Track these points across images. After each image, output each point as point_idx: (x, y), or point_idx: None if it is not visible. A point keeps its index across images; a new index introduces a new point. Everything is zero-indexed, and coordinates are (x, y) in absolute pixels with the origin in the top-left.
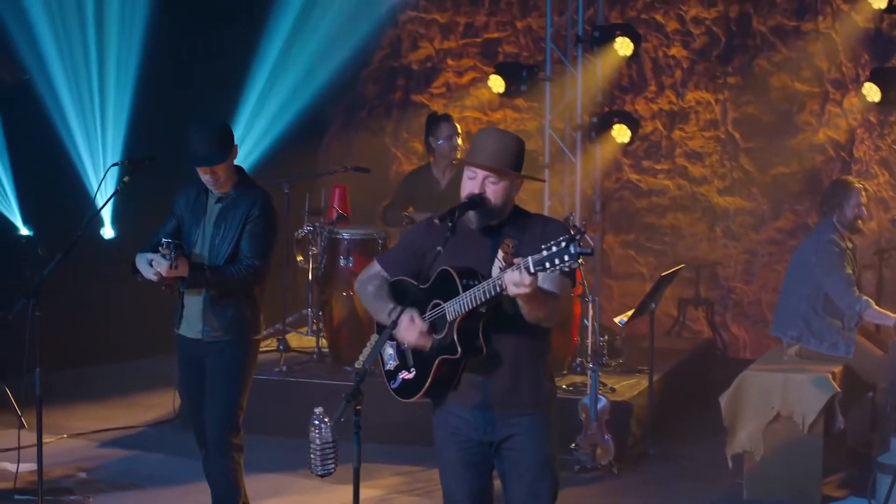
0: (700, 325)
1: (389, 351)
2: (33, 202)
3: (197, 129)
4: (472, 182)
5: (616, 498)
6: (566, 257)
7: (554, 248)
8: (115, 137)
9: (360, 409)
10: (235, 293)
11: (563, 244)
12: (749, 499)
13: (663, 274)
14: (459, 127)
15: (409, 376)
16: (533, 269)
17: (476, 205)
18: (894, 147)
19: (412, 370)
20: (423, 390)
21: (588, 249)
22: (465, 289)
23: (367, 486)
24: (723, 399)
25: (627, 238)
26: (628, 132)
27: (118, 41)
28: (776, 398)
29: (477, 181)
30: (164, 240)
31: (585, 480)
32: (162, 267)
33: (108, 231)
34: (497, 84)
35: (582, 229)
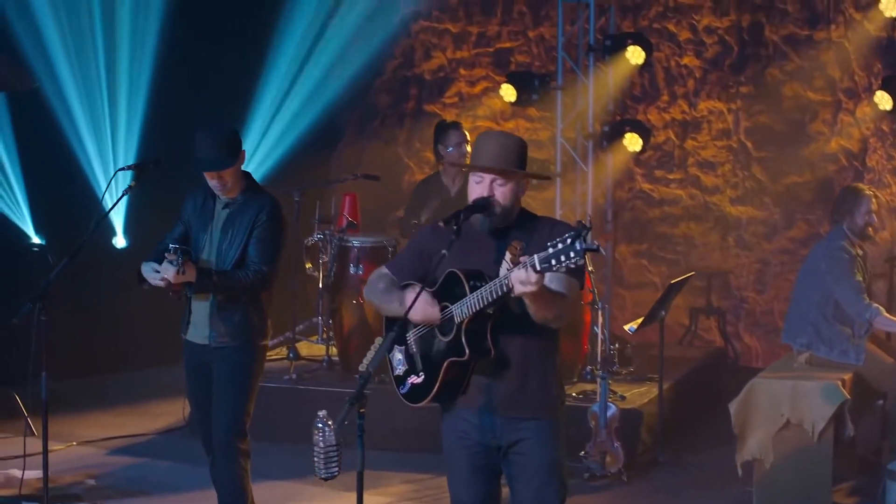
0: (712, 334)
1: (398, 356)
2: (45, 211)
3: (204, 134)
4: (479, 186)
5: None
6: (572, 254)
7: (560, 246)
8: (126, 146)
9: (363, 412)
10: (242, 299)
11: (568, 241)
12: None
13: (673, 281)
14: (469, 135)
15: (418, 380)
16: (539, 267)
17: (482, 208)
18: None
19: (421, 374)
20: (431, 394)
21: (594, 245)
22: (472, 290)
23: (376, 493)
24: (732, 406)
25: (640, 248)
26: (640, 141)
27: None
28: (786, 405)
29: (484, 185)
30: (171, 245)
31: (595, 488)
32: (169, 272)
33: (119, 240)
34: (509, 93)
35: (588, 225)
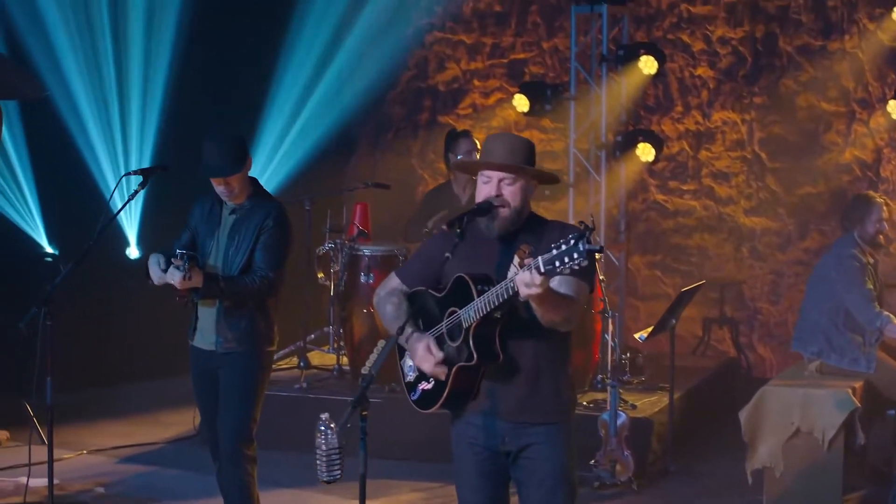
0: (726, 345)
1: (409, 363)
2: (58, 221)
3: (211, 140)
4: (487, 186)
5: None
6: (575, 255)
7: (563, 247)
8: (139, 157)
9: (366, 414)
10: (249, 305)
11: (571, 242)
12: None
13: (683, 290)
14: (480, 144)
15: (429, 387)
16: (543, 269)
17: (485, 211)
18: None
19: (431, 380)
20: (441, 399)
21: (597, 247)
22: (479, 294)
23: (385, 501)
24: (742, 414)
25: (654, 259)
26: (652, 151)
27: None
28: (796, 413)
29: (492, 184)
30: (178, 251)
31: (605, 497)
32: (175, 278)
33: (133, 251)
34: (522, 103)
35: (591, 226)
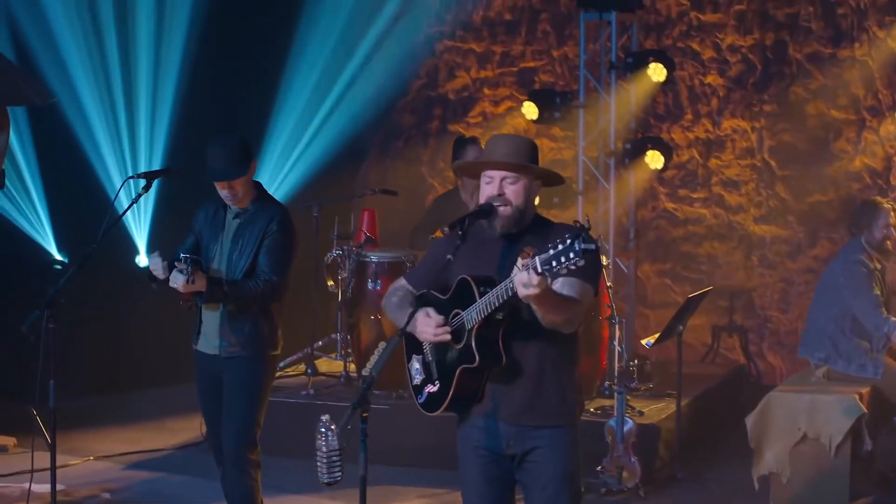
0: (736, 353)
1: (416, 366)
2: (67, 229)
3: (215, 144)
4: (489, 186)
5: None
6: (571, 254)
7: (560, 247)
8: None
9: (366, 416)
10: (253, 309)
11: (567, 241)
12: None
13: (690, 296)
14: None
15: (434, 389)
16: (540, 269)
17: (486, 213)
18: None
19: (436, 383)
20: (446, 402)
21: (592, 245)
22: (481, 296)
23: None
24: (749, 420)
25: (664, 267)
26: (661, 158)
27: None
28: (803, 419)
29: (494, 184)
30: (181, 255)
31: (611, 503)
32: (178, 282)
33: (143, 259)
34: (531, 111)
35: (586, 225)
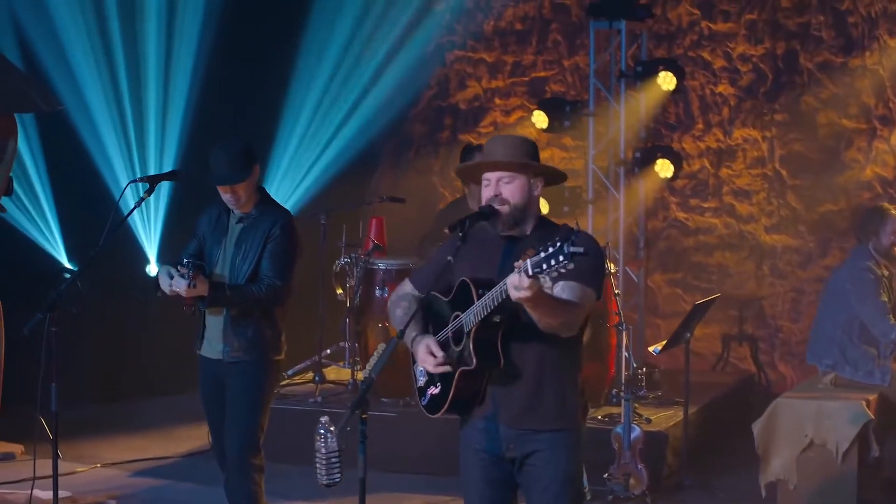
0: (747, 363)
1: (420, 367)
2: (77, 238)
3: (218, 148)
4: (487, 188)
5: None
6: (561, 258)
7: (550, 250)
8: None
9: (366, 417)
10: (256, 313)
11: (558, 244)
12: None
13: (697, 303)
14: None
15: (436, 391)
16: (531, 272)
17: (487, 216)
18: None
19: (438, 385)
20: (446, 404)
21: (580, 249)
22: (479, 298)
23: None
24: (756, 426)
25: (675, 277)
26: (671, 167)
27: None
28: (810, 426)
29: (492, 185)
30: (184, 259)
31: None
32: (181, 286)
33: (153, 268)
34: (540, 120)
35: (576, 230)
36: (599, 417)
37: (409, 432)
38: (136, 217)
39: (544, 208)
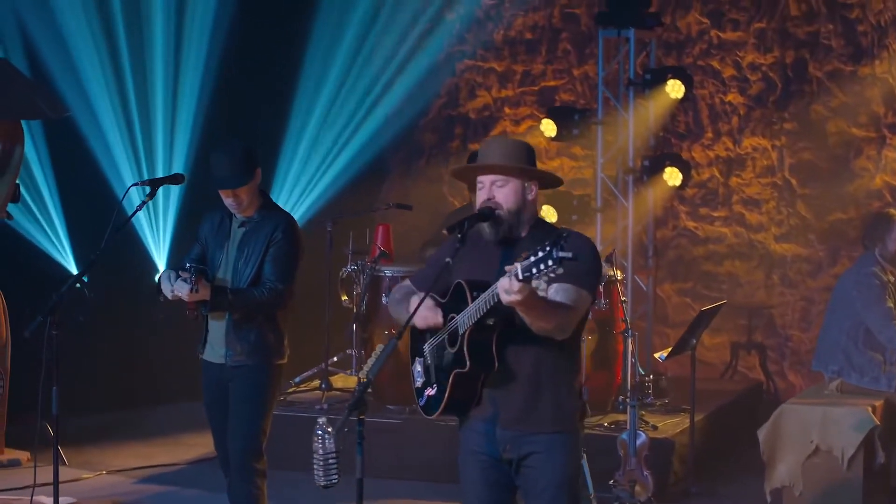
0: (755, 372)
1: (417, 368)
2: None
3: (219, 152)
4: (481, 192)
5: None
6: (550, 262)
7: (540, 253)
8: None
9: (363, 418)
10: (258, 317)
11: (547, 248)
12: None
13: (703, 309)
14: None
15: (433, 392)
16: (521, 276)
17: (486, 217)
18: None
19: (434, 386)
20: (442, 406)
21: (569, 254)
22: (473, 300)
23: None
24: (761, 433)
25: (684, 286)
26: (680, 175)
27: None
28: (815, 432)
29: (485, 189)
30: (187, 264)
31: None
32: (183, 290)
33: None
34: (549, 128)
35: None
36: (606, 424)
37: (415, 440)
38: (144, 225)
39: (552, 217)
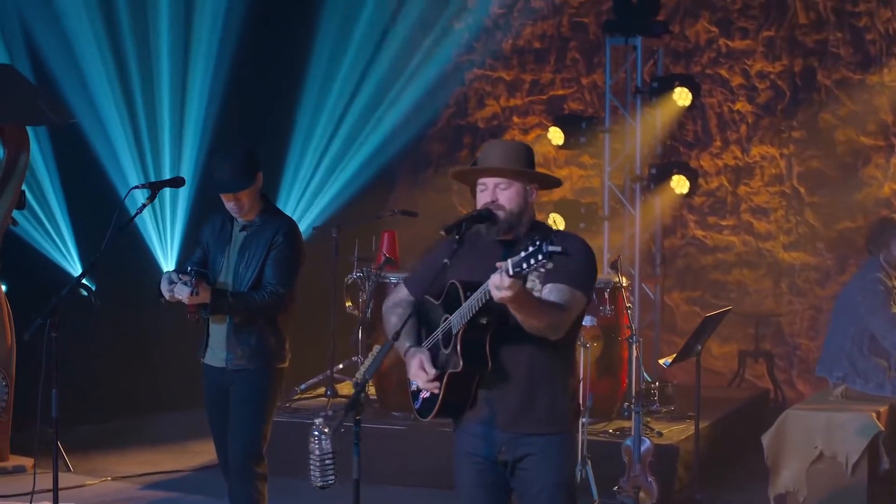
0: (763, 380)
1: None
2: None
3: (220, 155)
4: (483, 194)
5: None
6: (540, 256)
7: (530, 249)
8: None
9: (359, 418)
10: (259, 321)
11: (537, 243)
12: None
13: (707, 315)
14: None
15: (427, 395)
16: (512, 271)
17: (485, 218)
18: None
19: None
20: (436, 407)
21: (558, 248)
22: (466, 300)
23: None
24: (765, 438)
25: (693, 295)
26: (687, 183)
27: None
28: (819, 437)
29: (488, 191)
30: (188, 267)
31: None
32: (183, 293)
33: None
34: (556, 136)
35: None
36: (611, 431)
37: (419, 446)
38: (151, 232)
39: (560, 224)
